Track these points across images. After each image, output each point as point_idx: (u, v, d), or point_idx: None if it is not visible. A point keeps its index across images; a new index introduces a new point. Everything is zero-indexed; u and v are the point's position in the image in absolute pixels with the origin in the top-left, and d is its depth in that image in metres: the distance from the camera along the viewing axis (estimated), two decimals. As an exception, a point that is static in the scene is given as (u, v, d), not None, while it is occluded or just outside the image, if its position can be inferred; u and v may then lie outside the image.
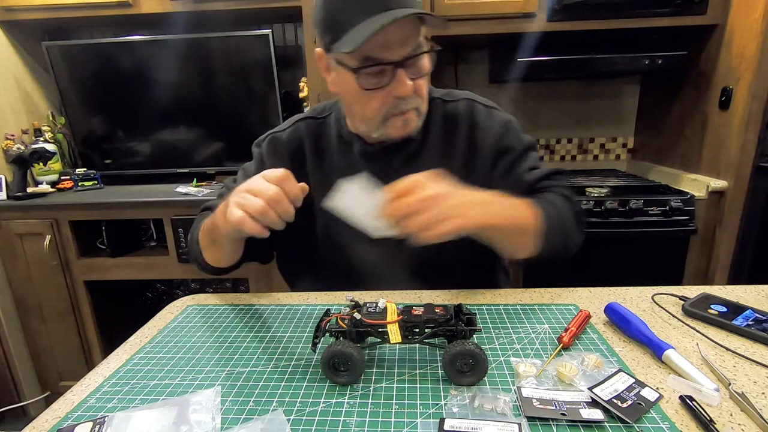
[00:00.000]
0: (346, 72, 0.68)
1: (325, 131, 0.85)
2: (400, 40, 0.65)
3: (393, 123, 0.72)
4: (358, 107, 0.73)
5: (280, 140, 0.86)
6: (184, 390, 0.52)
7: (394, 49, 0.65)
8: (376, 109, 0.71)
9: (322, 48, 0.72)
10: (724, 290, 0.72)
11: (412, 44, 0.66)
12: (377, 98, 0.69)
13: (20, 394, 1.75)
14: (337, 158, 0.83)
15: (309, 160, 0.84)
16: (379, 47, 0.64)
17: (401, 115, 0.71)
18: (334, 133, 0.83)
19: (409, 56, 0.66)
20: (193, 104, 1.82)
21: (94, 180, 1.82)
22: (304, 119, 0.87)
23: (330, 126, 0.84)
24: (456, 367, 0.50)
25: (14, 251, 1.63)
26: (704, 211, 1.46)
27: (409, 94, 0.69)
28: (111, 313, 1.80)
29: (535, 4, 1.46)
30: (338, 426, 0.45)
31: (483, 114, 0.81)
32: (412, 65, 0.68)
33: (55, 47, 1.75)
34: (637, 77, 1.91)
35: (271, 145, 0.86)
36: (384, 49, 0.65)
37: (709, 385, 0.47)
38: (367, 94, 0.69)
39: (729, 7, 1.42)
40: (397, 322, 0.51)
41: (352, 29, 0.63)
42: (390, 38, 0.64)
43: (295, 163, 0.83)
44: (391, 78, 0.67)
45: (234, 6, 1.63)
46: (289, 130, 0.86)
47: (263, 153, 0.86)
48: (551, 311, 0.67)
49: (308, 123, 0.86)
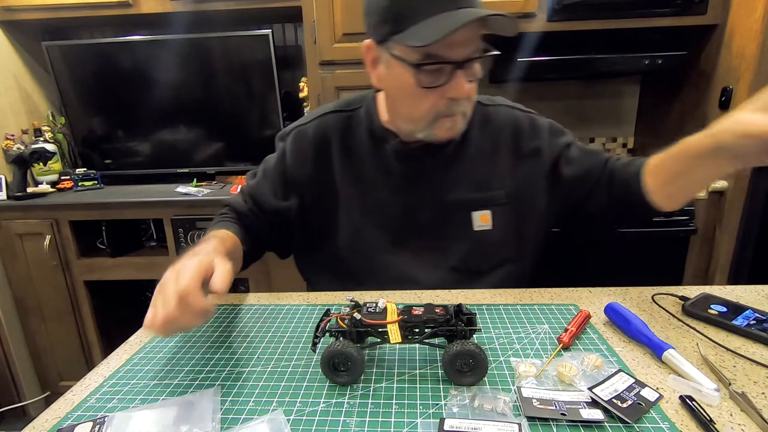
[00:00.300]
0: (403, 67, 0.66)
1: (354, 126, 0.81)
2: (464, 41, 0.63)
3: (441, 124, 0.70)
4: (408, 105, 0.71)
5: (305, 134, 0.82)
6: (184, 390, 0.52)
7: (458, 49, 0.64)
8: (428, 108, 0.69)
9: (372, 39, 0.70)
10: (724, 290, 0.72)
11: (474, 46, 0.65)
12: (431, 97, 0.68)
13: (20, 394, 1.76)
14: (367, 155, 0.80)
15: (335, 157, 0.81)
16: (444, 45, 0.62)
17: (451, 117, 0.70)
18: (364, 128, 0.81)
19: (471, 58, 0.65)
20: (193, 104, 1.82)
21: (94, 180, 1.82)
22: (332, 112, 0.83)
23: (360, 120, 0.81)
24: (456, 367, 0.50)
25: (14, 251, 1.63)
26: (704, 211, 1.46)
27: (465, 97, 0.68)
28: (111, 313, 1.80)
29: (535, 4, 1.46)
30: (338, 426, 0.45)
31: (525, 122, 0.81)
32: (469, 67, 0.66)
33: (55, 47, 1.75)
34: (637, 77, 1.91)
35: (296, 140, 0.82)
36: (448, 48, 0.63)
37: (709, 385, 0.47)
38: (421, 92, 0.67)
39: (729, 7, 1.42)
40: (397, 322, 0.51)
41: (421, 23, 0.61)
42: (456, 38, 0.61)
43: (320, 159, 0.81)
44: (449, 78, 0.65)
45: (234, 6, 1.63)
46: (315, 122, 0.83)
47: (287, 147, 0.83)
48: (551, 311, 0.67)
49: (336, 116, 0.82)
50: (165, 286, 0.51)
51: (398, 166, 0.79)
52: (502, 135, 0.81)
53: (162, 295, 0.51)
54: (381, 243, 0.80)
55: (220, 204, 1.55)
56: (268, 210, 0.83)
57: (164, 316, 0.48)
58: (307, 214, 0.83)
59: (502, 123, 0.81)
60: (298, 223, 0.84)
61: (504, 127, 0.81)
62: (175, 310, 0.48)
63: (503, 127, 0.81)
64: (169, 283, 0.52)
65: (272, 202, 0.82)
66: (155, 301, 0.51)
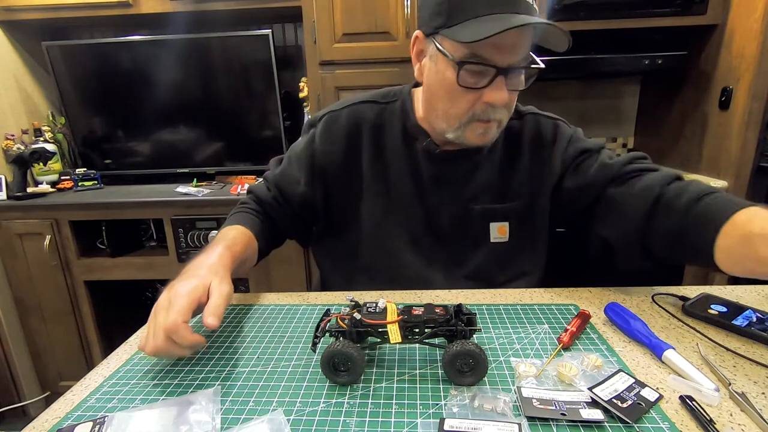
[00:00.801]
0: (447, 62, 0.65)
1: (388, 119, 0.80)
2: (512, 47, 0.62)
3: (474, 128, 0.69)
4: (445, 101, 0.69)
5: (338, 120, 0.80)
6: (184, 390, 0.52)
7: (504, 55, 0.62)
8: (464, 109, 0.67)
9: (422, 30, 0.69)
10: (724, 290, 0.72)
11: (521, 54, 0.64)
12: (469, 98, 0.66)
13: (20, 394, 1.76)
14: (397, 151, 0.79)
15: (365, 147, 0.79)
16: (491, 47, 0.61)
17: (485, 123, 0.69)
18: (397, 123, 0.79)
19: (516, 66, 0.64)
20: (193, 104, 1.82)
21: (94, 180, 1.82)
22: (366, 102, 0.81)
23: (394, 114, 0.80)
24: (456, 367, 0.50)
25: (14, 251, 1.63)
26: (704, 211, 1.46)
27: (502, 104, 0.66)
28: (111, 313, 1.80)
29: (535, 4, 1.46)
30: (338, 426, 0.45)
31: (549, 128, 0.80)
32: (513, 75, 0.65)
33: (55, 47, 1.75)
34: (637, 77, 1.91)
35: (327, 125, 0.80)
36: (495, 51, 0.62)
37: (709, 385, 0.47)
38: (460, 90, 0.66)
39: (729, 7, 1.42)
40: (397, 322, 0.51)
41: (474, 20, 0.60)
42: (506, 42, 0.61)
43: (351, 146, 0.80)
44: (490, 82, 0.64)
45: (234, 6, 1.63)
46: (348, 109, 0.81)
47: (317, 133, 0.80)
48: (551, 311, 0.67)
49: (370, 107, 0.81)
50: (157, 314, 0.53)
51: (427, 166, 0.78)
52: (523, 143, 0.80)
53: (154, 323, 0.53)
54: (401, 241, 0.80)
55: (220, 204, 1.57)
56: (293, 198, 0.82)
57: (153, 348, 0.51)
58: (331, 199, 0.82)
59: (524, 131, 0.80)
60: (321, 210, 0.83)
61: (525, 135, 0.80)
62: (162, 343, 0.50)
63: (524, 136, 0.80)
64: (160, 311, 0.53)
65: (298, 191, 0.81)
66: (149, 326, 0.54)
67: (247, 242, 0.75)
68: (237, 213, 0.82)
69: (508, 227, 0.80)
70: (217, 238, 0.72)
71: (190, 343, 0.51)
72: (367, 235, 0.81)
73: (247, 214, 0.82)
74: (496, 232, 0.80)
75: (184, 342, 0.51)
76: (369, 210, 0.80)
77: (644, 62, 1.50)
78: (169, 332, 0.50)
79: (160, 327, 0.51)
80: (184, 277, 0.58)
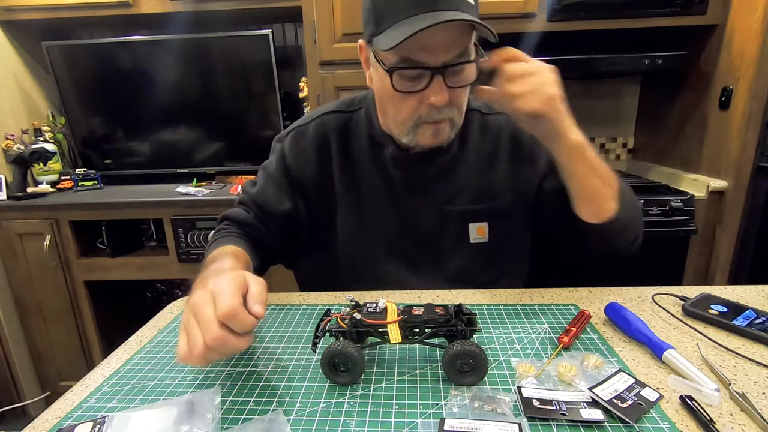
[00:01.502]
0: (383, 69, 0.64)
1: (354, 128, 0.79)
2: (443, 45, 0.60)
3: (423, 131, 0.68)
4: (391, 108, 0.69)
5: (305, 134, 0.80)
6: (184, 390, 0.52)
7: (436, 54, 0.60)
8: (408, 113, 0.67)
9: (364, 39, 0.68)
10: (724, 290, 0.72)
11: (456, 50, 0.61)
12: (410, 102, 0.65)
13: (20, 394, 1.76)
14: (365, 160, 0.78)
15: (335, 158, 0.79)
16: (419, 49, 0.60)
17: (433, 125, 0.67)
18: (363, 131, 0.78)
19: (451, 63, 0.62)
20: (193, 104, 1.82)
21: (94, 180, 1.82)
22: (331, 112, 0.81)
23: (359, 122, 0.79)
24: (456, 367, 0.50)
25: (14, 251, 1.63)
26: (704, 211, 1.46)
27: (442, 104, 0.64)
28: (111, 313, 1.80)
29: (535, 4, 1.46)
30: (338, 426, 0.45)
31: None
32: (453, 73, 0.63)
33: (55, 47, 1.75)
34: (637, 77, 1.91)
35: (295, 140, 0.80)
36: (424, 52, 0.60)
37: (709, 385, 0.47)
38: (400, 96, 0.65)
39: (729, 7, 1.42)
40: (398, 322, 0.51)
41: (395, 25, 0.59)
42: (434, 41, 0.59)
43: (321, 160, 0.79)
44: (428, 84, 0.62)
45: (234, 6, 1.63)
46: (314, 123, 0.80)
47: (285, 149, 0.80)
48: (551, 311, 0.67)
49: (335, 117, 0.80)
50: (199, 310, 0.45)
51: (396, 173, 0.77)
52: (501, 141, 0.78)
53: (196, 322, 0.45)
54: (378, 250, 0.79)
55: (220, 204, 1.57)
56: (276, 216, 0.79)
57: (205, 347, 0.43)
58: (311, 213, 0.81)
59: (502, 129, 0.79)
60: (306, 223, 0.82)
61: (503, 133, 0.78)
62: (218, 334, 0.43)
63: (502, 134, 0.78)
64: (203, 306, 0.45)
65: (280, 207, 0.79)
66: (188, 329, 0.45)
67: (248, 259, 0.70)
68: (219, 238, 0.76)
69: (488, 227, 0.78)
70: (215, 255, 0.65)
71: (250, 325, 0.44)
72: (344, 248, 0.80)
73: (231, 237, 0.76)
74: (476, 233, 0.78)
75: (245, 325, 0.44)
76: (343, 222, 0.80)
77: (644, 62, 1.50)
78: (228, 317, 0.43)
79: (211, 317, 0.44)
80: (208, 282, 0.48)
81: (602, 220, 0.67)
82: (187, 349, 0.44)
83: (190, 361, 0.44)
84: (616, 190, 0.68)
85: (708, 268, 1.52)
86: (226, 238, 0.75)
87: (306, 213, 0.81)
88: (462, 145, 0.77)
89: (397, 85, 0.63)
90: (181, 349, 0.45)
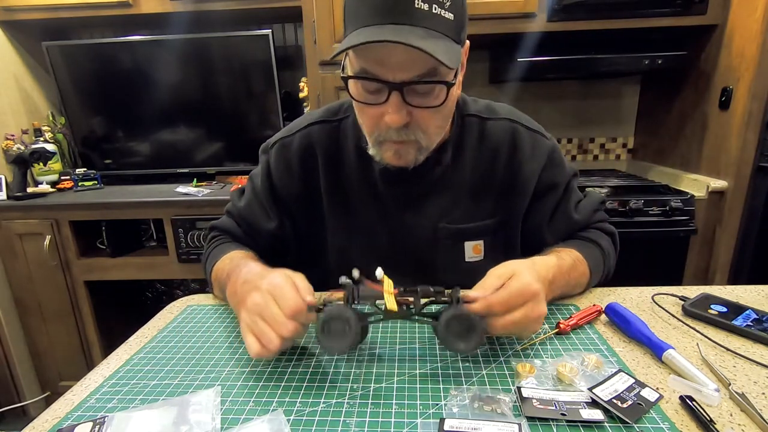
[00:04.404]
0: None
1: (341, 138, 0.74)
2: (401, 62, 0.54)
3: (387, 149, 0.63)
4: (359, 117, 0.65)
5: (290, 147, 0.75)
6: (184, 390, 0.52)
7: (392, 71, 0.55)
8: (369, 126, 0.62)
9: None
10: (724, 290, 0.72)
11: (417, 70, 0.55)
12: (371, 114, 0.60)
13: (20, 394, 1.76)
14: (354, 173, 0.74)
15: (322, 172, 0.74)
16: (374, 62, 0.55)
17: (395, 144, 0.61)
18: (351, 141, 0.74)
19: (411, 82, 0.55)
20: (193, 104, 1.82)
21: (94, 180, 1.82)
22: (317, 123, 0.76)
23: (347, 133, 0.74)
24: (451, 331, 0.50)
25: (14, 251, 1.63)
26: (704, 211, 1.47)
27: (400, 125, 0.58)
28: (111, 313, 1.80)
29: (535, 4, 1.46)
30: (338, 426, 0.45)
31: (527, 140, 0.73)
32: (417, 92, 0.57)
33: (55, 47, 1.75)
34: (637, 77, 1.92)
35: (281, 153, 0.76)
36: (380, 66, 0.55)
37: (709, 386, 0.47)
38: (360, 106, 0.61)
39: (729, 7, 1.42)
40: (394, 294, 0.52)
41: (356, 31, 0.55)
42: (390, 58, 0.54)
43: (307, 177, 0.75)
44: (386, 99, 0.57)
45: (234, 6, 1.63)
46: (299, 134, 0.76)
47: (271, 163, 0.76)
48: (551, 311, 0.67)
49: (322, 127, 0.75)
50: (265, 310, 0.50)
51: (386, 188, 0.73)
52: (500, 152, 0.73)
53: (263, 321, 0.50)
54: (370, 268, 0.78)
55: (220, 204, 1.57)
56: (264, 232, 0.78)
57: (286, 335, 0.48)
58: (299, 230, 0.79)
59: (501, 138, 0.73)
60: (293, 241, 0.80)
61: (503, 142, 0.73)
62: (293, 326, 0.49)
63: (502, 143, 0.73)
64: (267, 306, 0.50)
65: (266, 226, 0.77)
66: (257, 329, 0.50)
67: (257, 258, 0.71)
68: (221, 245, 0.77)
69: (483, 245, 0.76)
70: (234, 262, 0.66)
71: (311, 321, 0.51)
72: (335, 264, 0.78)
73: (231, 243, 0.76)
74: (471, 251, 0.75)
75: (309, 317, 0.51)
76: (333, 238, 0.77)
77: (644, 62, 1.50)
78: (296, 313, 0.49)
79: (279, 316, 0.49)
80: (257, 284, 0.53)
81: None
82: (258, 345, 0.49)
83: (265, 355, 0.50)
84: (587, 279, 0.71)
85: (708, 268, 1.52)
86: (227, 244, 0.77)
87: (293, 230, 0.79)
88: (457, 155, 0.73)
89: (354, 94, 0.60)
90: (252, 347, 0.50)
